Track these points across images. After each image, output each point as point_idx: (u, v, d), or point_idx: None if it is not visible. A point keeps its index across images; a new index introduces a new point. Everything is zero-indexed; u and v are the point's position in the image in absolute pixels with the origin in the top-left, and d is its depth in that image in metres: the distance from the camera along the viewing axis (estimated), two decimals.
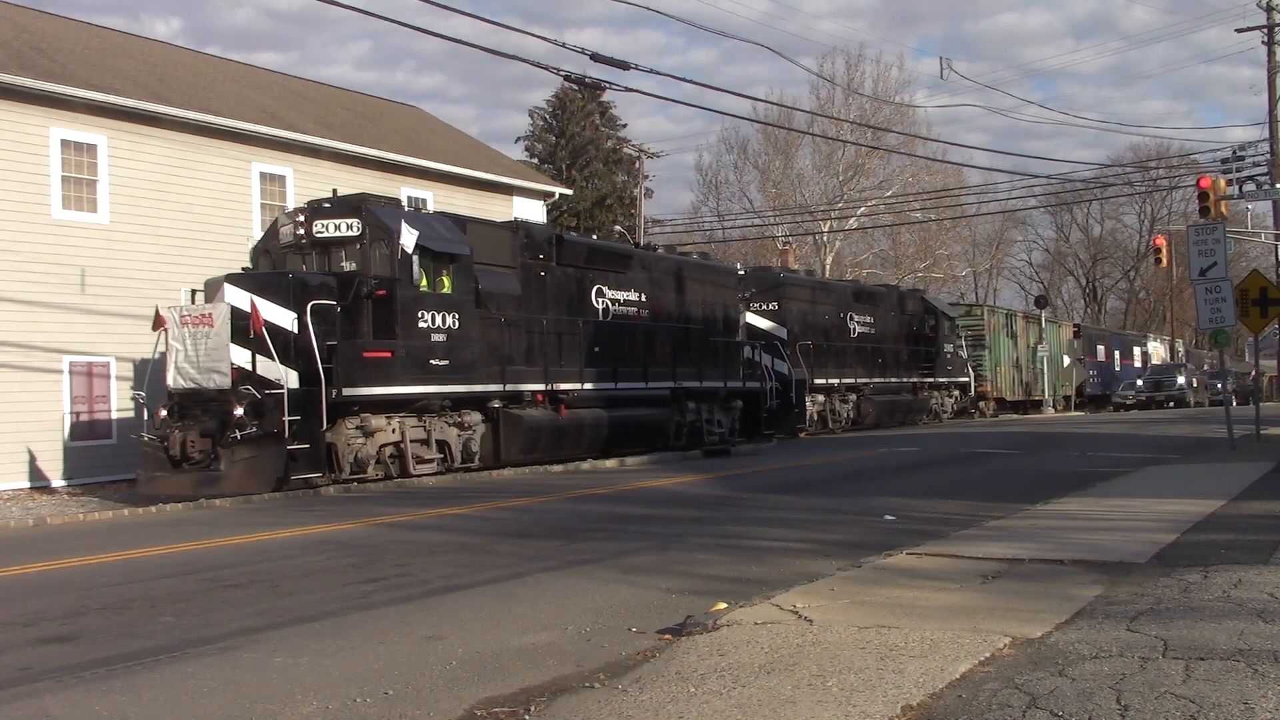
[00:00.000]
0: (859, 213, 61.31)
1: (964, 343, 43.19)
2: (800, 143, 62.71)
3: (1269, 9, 33.71)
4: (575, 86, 45.21)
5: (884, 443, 27.29)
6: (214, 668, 6.38)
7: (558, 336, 21.55)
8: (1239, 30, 35.11)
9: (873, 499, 14.45)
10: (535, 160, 63.68)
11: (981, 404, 45.09)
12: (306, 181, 26.08)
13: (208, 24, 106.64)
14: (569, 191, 49.21)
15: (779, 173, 64.78)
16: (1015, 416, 45.84)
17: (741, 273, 31.92)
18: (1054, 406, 51.05)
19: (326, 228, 18.57)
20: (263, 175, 26.43)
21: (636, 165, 55.73)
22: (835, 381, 33.34)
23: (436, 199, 30.80)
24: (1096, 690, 5.01)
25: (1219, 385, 43.13)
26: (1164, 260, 41.49)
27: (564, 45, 20.56)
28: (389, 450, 18.40)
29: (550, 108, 66.91)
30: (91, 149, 23.28)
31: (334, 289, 17.70)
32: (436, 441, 19.11)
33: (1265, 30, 33.96)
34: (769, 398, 28.61)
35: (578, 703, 5.31)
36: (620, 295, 23.45)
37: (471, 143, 39.81)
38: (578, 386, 21.71)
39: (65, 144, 22.96)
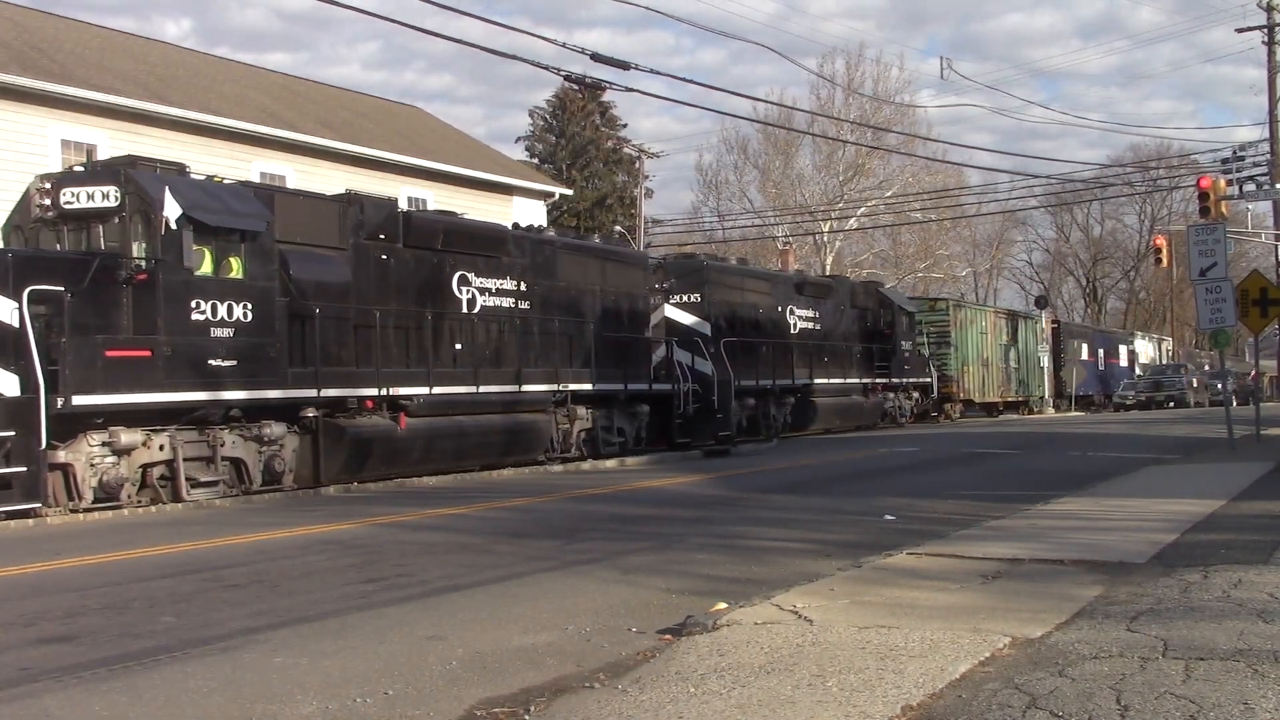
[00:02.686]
0: (859, 213, 61.34)
1: (926, 340, 40.23)
2: (800, 143, 62.84)
3: (1269, 9, 33.74)
4: (575, 86, 45.21)
5: (883, 443, 27.30)
6: (214, 668, 6.37)
7: (405, 332, 18.53)
8: (1239, 30, 35.20)
9: (873, 499, 14.44)
10: (535, 160, 63.79)
11: (947, 406, 41.75)
12: (307, 181, 26.14)
13: (218, 25, 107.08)
14: (569, 191, 49.32)
15: (779, 173, 64.85)
16: (1015, 417, 45.79)
17: (655, 261, 28.81)
18: (1054, 407, 50.73)
19: (77, 197, 15.31)
20: (263, 175, 26.45)
21: (636, 165, 55.77)
22: (769, 383, 29.27)
23: (436, 199, 30.85)
24: (1096, 690, 5.01)
25: (1219, 385, 43.05)
26: (1164, 260, 41.53)
27: (564, 45, 20.64)
28: (159, 471, 15.26)
29: (550, 108, 67.05)
30: (91, 149, 23.29)
31: (67, 271, 14.28)
32: (229, 460, 15.98)
33: (1265, 30, 34.00)
34: (685, 401, 25.25)
35: (578, 703, 5.31)
36: (492, 283, 20.29)
37: (471, 143, 39.86)
38: (425, 391, 18.55)
39: (65, 143, 23.00)
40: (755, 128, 61.48)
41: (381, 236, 18.30)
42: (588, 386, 22.35)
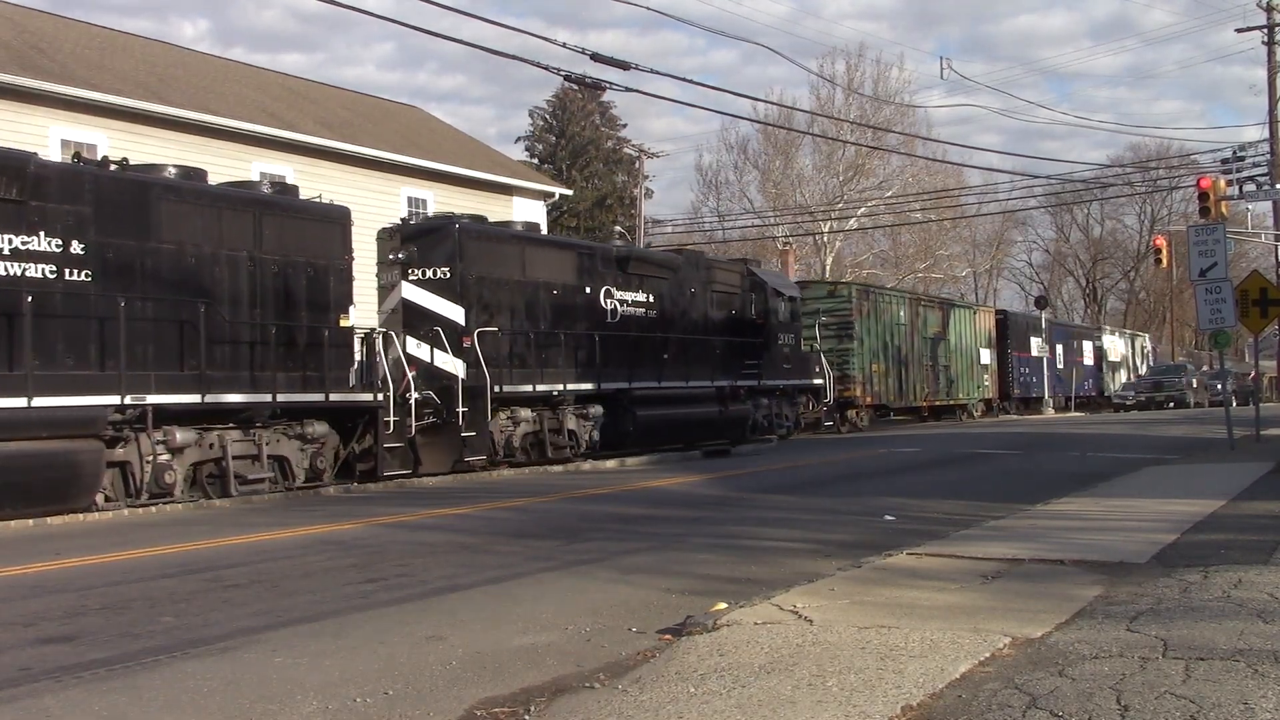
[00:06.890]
0: (859, 213, 61.36)
1: (819, 333, 32.94)
2: (800, 143, 62.83)
3: (1269, 9, 33.77)
4: (575, 86, 45.21)
5: (883, 443, 27.31)
6: (214, 668, 6.38)
7: None
8: (1239, 30, 35.26)
9: (872, 499, 14.45)
10: (535, 160, 63.85)
11: (851, 411, 34.96)
12: (307, 181, 26.08)
13: (235, 25, 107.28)
14: (569, 192, 49.34)
15: (779, 173, 64.83)
16: (1014, 417, 45.72)
17: (392, 224, 21.72)
18: (1051, 406, 50.53)
19: None
20: (263, 175, 26.45)
21: (636, 165, 55.80)
22: (559, 388, 21.73)
23: (436, 199, 30.86)
24: (1096, 690, 5.01)
25: (1219, 386, 42.97)
26: (1164, 261, 41.54)
27: (565, 45, 20.58)
28: None
29: (550, 108, 67.09)
30: (91, 149, 23.28)
31: None
32: None
33: (1265, 30, 34.03)
34: (409, 414, 18.62)
35: (578, 703, 5.31)
36: (6, 243, 13.67)
37: (471, 143, 39.89)
38: None
39: (65, 144, 22.97)
40: (755, 128, 61.56)
41: None
42: (192, 398, 15.38)
